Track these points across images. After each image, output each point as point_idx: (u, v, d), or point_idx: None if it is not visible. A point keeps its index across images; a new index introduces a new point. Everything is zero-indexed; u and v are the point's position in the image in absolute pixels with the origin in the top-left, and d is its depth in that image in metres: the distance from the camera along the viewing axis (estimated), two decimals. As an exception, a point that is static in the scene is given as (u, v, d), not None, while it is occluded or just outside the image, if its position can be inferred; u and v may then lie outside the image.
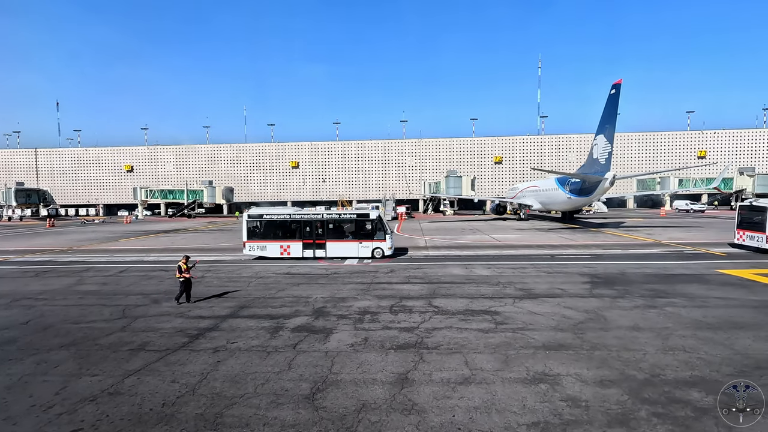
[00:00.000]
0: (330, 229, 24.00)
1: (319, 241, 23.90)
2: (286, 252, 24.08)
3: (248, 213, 25.11)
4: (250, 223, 24.45)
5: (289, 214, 24.83)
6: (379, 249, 23.85)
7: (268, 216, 24.82)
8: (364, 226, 24.12)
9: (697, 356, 9.43)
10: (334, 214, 24.50)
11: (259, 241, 24.28)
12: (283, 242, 24.07)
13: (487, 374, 8.70)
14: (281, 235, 24.30)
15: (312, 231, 23.99)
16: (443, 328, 11.66)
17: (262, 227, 24.52)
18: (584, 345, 10.24)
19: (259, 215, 24.89)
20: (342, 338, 11.01)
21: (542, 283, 17.07)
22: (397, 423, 6.95)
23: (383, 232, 24.01)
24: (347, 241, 23.97)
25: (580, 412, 7.16)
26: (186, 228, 51.23)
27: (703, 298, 14.38)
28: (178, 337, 11.26)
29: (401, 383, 8.35)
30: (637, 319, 12.21)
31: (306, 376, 8.73)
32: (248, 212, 25.27)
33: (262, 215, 24.88)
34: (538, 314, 12.86)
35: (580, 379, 8.41)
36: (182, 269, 14.59)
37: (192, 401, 7.73)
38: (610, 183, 36.76)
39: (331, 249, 23.88)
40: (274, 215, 24.94)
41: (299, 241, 24.00)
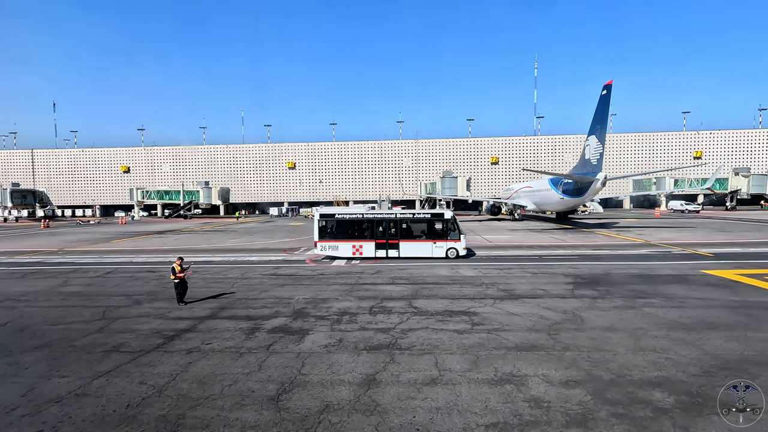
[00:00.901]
0: (403, 229, 23.94)
1: (392, 241, 23.78)
2: (358, 252, 23.91)
3: (320, 212, 24.79)
4: (322, 222, 24.25)
5: (362, 214, 24.72)
6: (453, 249, 23.65)
7: (340, 215, 24.66)
8: (438, 225, 23.92)
9: (666, 357, 9.46)
10: (407, 214, 24.50)
11: (330, 240, 24.07)
12: (356, 242, 23.92)
13: (455, 375, 8.73)
14: (353, 234, 24.12)
15: (385, 231, 23.87)
16: (419, 329, 11.69)
17: (334, 227, 24.33)
18: (556, 346, 10.27)
19: (331, 215, 24.69)
20: (317, 339, 11.04)
21: (525, 284, 17.11)
22: (358, 424, 6.98)
23: (457, 232, 23.79)
24: (421, 241, 23.81)
25: (540, 413, 7.19)
26: (180, 229, 51.24)
27: (683, 299, 14.43)
28: (153, 339, 11.27)
29: (368, 384, 8.38)
30: (614, 319, 12.25)
31: (274, 378, 8.75)
32: (319, 212, 24.97)
33: (333, 215, 24.69)
34: (516, 315, 12.89)
35: (547, 379, 8.45)
36: (176, 271, 14.54)
37: (156, 403, 7.75)
38: (602, 183, 36.81)
39: (404, 249, 23.75)
40: (346, 215, 24.77)
41: (372, 241, 23.86)
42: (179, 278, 14.59)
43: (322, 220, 24.35)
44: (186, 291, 14.90)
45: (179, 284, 14.62)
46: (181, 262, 14.80)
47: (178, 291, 14.65)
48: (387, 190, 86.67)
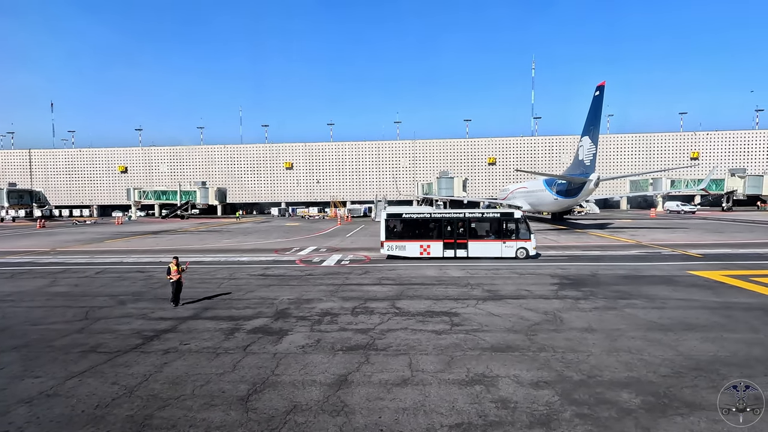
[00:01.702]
0: (472, 229, 23.65)
1: (461, 241, 23.47)
2: (426, 252, 23.65)
3: (387, 212, 24.41)
4: (389, 222, 23.96)
5: (430, 213, 24.55)
6: (523, 249, 23.35)
7: (407, 215, 24.38)
8: (508, 225, 23.66)
9: (639, 357, 9.50)
10: (477, 213, 24.38)
11: (397, 240, 23.83)
12: (423, 242, 23.67)
13: (427, 376, 8.76)
14: (421, 234, 23.87)
15: (453, 230, 23.58)
16: (398, 330, 11.72)
17: (401, 227, 24.07)
18: (532, 347, 10.30)
19: (398, 214, 24.41)
20: (295, 340, 11.07)
21: (511, 285, 17.14)
22: (323, 424, 7.01)
23: (527, 232, 23.46)
24: (490, 241, 23.53)
25: (506, 414, 7.22)
26: (175, 229, 51.26)
27: (665, 300, 14.46)
28: (132, 339, 11.30)
29: (339, 385, 8.41)
30: (593, 320, 12.28)
31: (247, 378, 8.78)
32: (386, 211, 24.58)
33: (401, 214, 24.41)
34: (497, 316, 12.93)
35: (517, 380, 8.48)
36: (171, 271, 14.45)
37: (126, 403, 7.77)
38: (595, 184, 36.86)
39: (473, 249, 23.46)
40: (413, 214, 24.51)
41: (440, 241, 23.59)
42: (175, 278, 14.49)
43: (389, 219, 24.01)
44: (180, 291, 14.78)
45: (175, 284, 14.51)
46: (176, 262, 14.69)
47: (174, 291, 14.54)
48: (384, 190, 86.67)
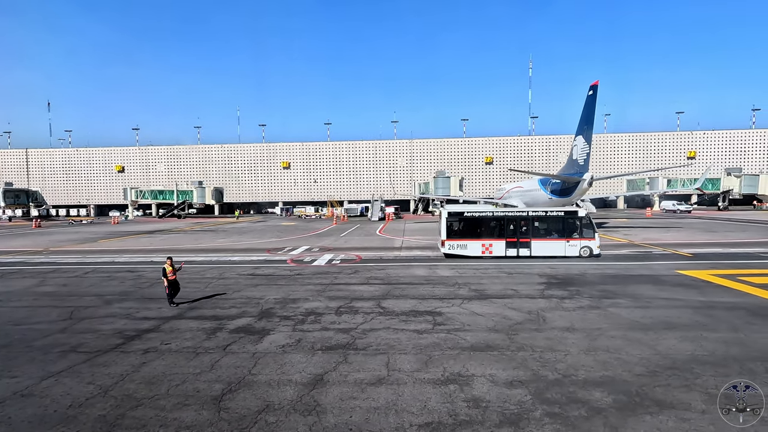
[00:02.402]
0: (535, 227, 23.42)
1: (524, 240, 23.24)
2: (488, 251, 23.42)
3: (448, 211, 24.10)
4: (450, 221, 23.67)
5: (492, 212, 24.31)
6: (587, 248, 23.06)
7: (469, 213, 24.17)
8: (572, 223, 23.37)
9: (617, 357, 9.52)
10: (540, 212, 24.16)
11: (458, 239, 23.55)
12: (485, 241, 23.43)
13: (403, 375, 8.78)
14: (483, 233, 23.63)
15: (516, 229, 23.36)
16: (380, 329, 11.73)
17: (462, 225, 23.79)
18: (511, 346, 10.32)
19: (459, 213, 24.18)
20: (276, 339, 11.08)
21: (498, 284, 17.16)
22: (293, 423, 7.02)
23: (592, 231, 23.17)
24: (554, 240, 23.26)
25: (477, 413, 7.24)
26: (170, 229, 51.23)
27: (650, 299, 14.49)
28: (114, 339, 11.30)
29: (314, 384, 8.42)
30: (575, 319, 12.30)
31: (223, 378, 8.79)
32: (447, 210, 24.28)
33: (462, 213, 24.18)
34: (480, 315, 12.95)
35: (492, 379, 8.50)
36: (167, 272, 14.37)
37: (99, 403, 7.78)
38: (589, 184, 36.81)
39: (536, 248, 23.20)
40: (475, 213, 24.29)
41: (502, 240, 23.38)
42: (171, 279, 14.40)
43: (450, 218, 23.74)
44: (177, 291, 14.71)
45: (171, 284, 14.43)
46: (171, 263, 14.59)
47: (169, 292, 14.44)
48: (381, 189, 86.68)
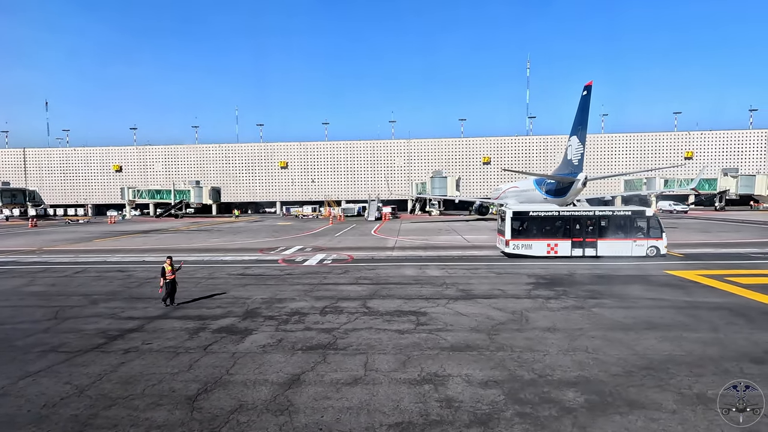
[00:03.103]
0: (602, 227, 23.19)
1: (590, 240, 23.10)
2: (553, 251, 23.29)
3: (513, 210, 24.06)
4: (515, 221, 23.58)
5: (557, 211, 24.22)
6: (654, 248, 22.86)
7: (534, 213, 24.06)
8: (638, 223, 23.26)
9: (594, 357, 9.55)
10: (606, 211, 23.92)
11: (523, 239, 23.44)
12: (550, 240, 23.34)
13: (379, 375, 8.80)
14: (548, 233, 23.54)
15: (582, 229, 23.21)
16: (363, 329, 11.75)
17: (527, 225, 23.64)
18: (491, 346, 10.34)
19: (525, 212, 24.07)
20: (257, 339, 11.10)
21: (486, 284, 17.18)
22: (264, 423, 7.04)
23: (659, 230, 23.00)
24: (620, 239, 23.02)
25: (448, 413, 7.26)
26: (166, 228, 51.24)
27: (635, 299, 14.52)
28: (96, 339, 11.32)
29: (290, 384, 8.43)
30: (558, 320, 12.32)
31: (200, 377, 8.81)
32: (512, 209, 24.25)
33: (527, 212, 24.06)
34: (464, 315, 12.97)
35: (468, 380, 8.52)
36: (166, 271, 14.27)
37: (74, 403, 7.79)
38: (583, 184, 36.97)
39: (602, 248, 23.04)
40: (540, 212, 24.16)
41: (568, 240, 23.25)
42: (170, 279, 14.29)
43: (515, 218, 23.62)
44: (175, 291, 14.61)
45: (169, 284, 14.33)
46: (171, 262, 14.49)
47: (168, 292, 14.36)
48: (379, 189, 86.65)
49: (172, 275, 14.39)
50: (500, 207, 56.76)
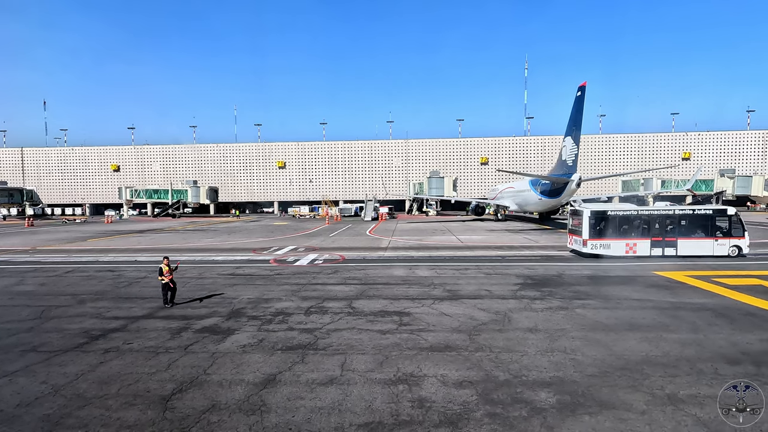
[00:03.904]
0: (681, 226, 23.07)
1: (669, 239, 22.91)
2: (632, 250, 23.09)
3: (591, 209, 23.75)
4: (593, 220, 23.29)
5: (636, 210, 23.95)
6: (736, 247, 22.67)
7: (612, 212, 23.77)
8: (720, 222, 23.03)
9: (572, 357, 9.57)
10: (687, 210, 23.81)
11: (601, 239, 23.20)
12: (629, 240, 23.13)
13: (355, 375, 8.82)
14: (626, 232, 23.31)
15: (661, 228, 23.04)
16: (344, 330, 11.77)
17: (605, 224, 23.34)
18: (470, 346, 10.37)
19: (603, 211, 23.80)
20: (239, 339, 11.12)
21: (474, 285, 17.21)
22: (235, 423, 7.06)
23: (741, 229, 22.88)
24: (700, 239, 22.89)
25: (419, 413, 7.28)
26: (162, 228, 51.25)
27: (620, 300, 14.55)
28: (78, 338, 11.33)
29: (265, 384, 8.46)
30: (540, 320, 12.35)
31: (177, 377, 8.83)
32: (590, 208, 23.94)
33: (606, 211, 23.81)
34: (448, 315, 12.99)
35: (443, 380, 8.54)
36: (163, 271, 14.23)
37: (47, 402, 7.81)
38: (577, 184, 36.98)
39: (682, 247, 22.85)
40: (619, 211, 23.88)
41: (647, 239, 23.07)
42: (167, 279, 14.25)
43: (593, 217, 23.35)
44: (175, 292, 14.59)
45: (167, 285, 14.30)
46: (168, 263, 14.43)
47: (165, 292, 14.34)
48: (376, 189, 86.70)
49: (169, 275, 14.33)
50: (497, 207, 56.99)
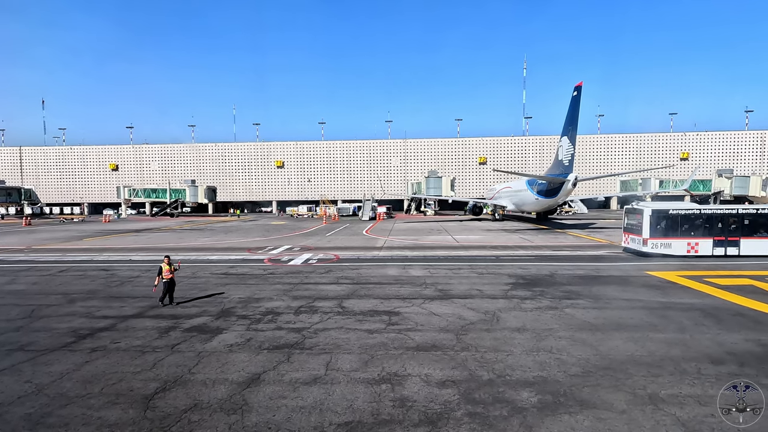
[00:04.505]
0: (744, 225, 22.94)
1: (732, 238, 22.81)
2: (693, 250, 23.02)
3: (652, 208, 23.57)
4: (653, 219, 23.12)
5: (699, 209, 23.71)
6: None
7: (674, 211, 23.44)
8: None
9: (557, 357, 9.58)
10: (750, 210, 23.65)
11: (662, 238, 23.08)
12: (691, 239, 23.04)
13: (339, 374, 8.83)
14: (687, 231, 23.17)
15: (724, 227, 22.92)
16: (332, 329, 11.78)
17: (666, 223, 23.21)
18: (456, 346, 10.38)
19: (665, 210, 23.50)
20: (226, 338, 11.12)
21: (465, 285, 17.21)
22: (215, 422, 7.07)
23: None
24: (764, 238, 22.74)
25: (399, 413, 7.29)
26: (159, 228, 51.25)
27: (610, 300, 14.57)
28: (65, 338, 11.34)
29: (249, 383, 8.46)
30: (529, 320, 12.36)
31: (162, 376, 8.83)
32: (651, 207, 23.74)
33: (667, 210, 23.49)
34: (437, 315, 13.00)
35: (426, 379, 8.55)
36: (163, 270, 14.20)
37: (30, 401, 7.82)
38: (573, 184, 37.01)
39: (745, 247, 22.72)
40: (681, 210, 23.60)
41: (709, 238, 22.92)
42: (168, 278, 14.20)
43: (654, 216, 23.18)
44: (174, 291, 14.55)
45: (167, 284, 14.26)
46: (168, 261, 14.39)
47: (165, 291, 14.30)
48: (375, 189, 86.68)
49: (170, 275, 14.29)
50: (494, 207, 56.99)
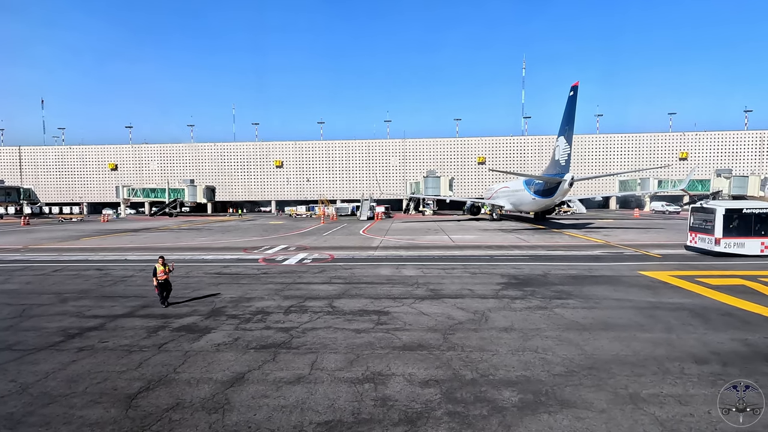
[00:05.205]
0: None
1: None
2: (767, 249, 22.92)
3: (725, 207, 23.33)
4: (726, 218, 22.89)
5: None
6: None
7: (748, 210, 23.10)
8: None
9: (542, 357, 9.60)
10: None
11: (735, 237, 22.88)
12: (765, 239, 22.88)
13: (324, 374, 8.85)
14: (759, 231, 22.95)
15: None
16: (321, 329, 11.80)
17: (740, 222, 22.92)
18: (443, 345, 10.40)
19: (738, 209, 23.18)
20: (214, 338, 11.15)
21: (457, 284, 17.22)
22: (195, 421, 7.09)
23: None
24: None
25: (380, 412, 7.31)
26: (157, 227, 51.30)
27: (600, 299, 14.57)
28: (54, 337, 11.37)
29: (233, 382, 8.49)
30: (517, 320, 12.37)
31: (146, 376, 8.86)
32: (725, 206, 23.49)
33: (741, 209, 23.17)
34: (426, 315, 13.02)
35: (409, 379, 8.57)
36: (158, 271, 14.16)
37: (13, 401, 7.85)
38: (569, 184, 37.00)
39: None
40: (755, 209, 23.19)
41: None
42: (162, 279, 14.16)
43: (727, 214, 22.95)
44: (170, 292, 14.53)
45: (162, 285, 14.24)
46: (163, 262, 14.30)
47: (160, 292, 14.27)
48: (374, 189, 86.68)
49: (164, 276, 14.24)
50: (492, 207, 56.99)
